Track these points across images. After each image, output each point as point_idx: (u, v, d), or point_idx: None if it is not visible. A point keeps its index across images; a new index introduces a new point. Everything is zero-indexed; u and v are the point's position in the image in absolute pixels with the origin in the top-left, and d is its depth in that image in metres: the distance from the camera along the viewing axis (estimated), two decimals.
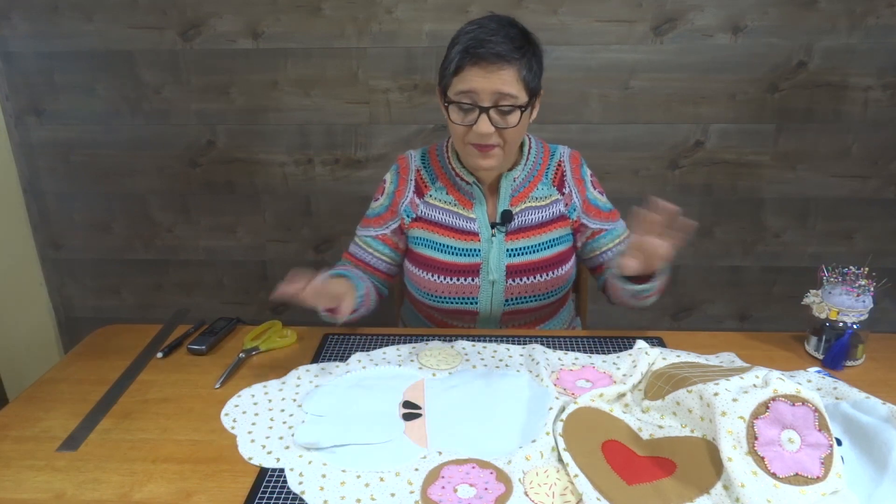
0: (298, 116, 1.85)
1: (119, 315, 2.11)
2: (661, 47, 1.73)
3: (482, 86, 1.06)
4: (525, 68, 1.08)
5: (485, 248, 1.22)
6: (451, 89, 1.10)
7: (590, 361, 1.11)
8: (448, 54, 1.11)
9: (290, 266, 2.01)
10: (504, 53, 1.05)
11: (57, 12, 1.77)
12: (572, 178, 1.25)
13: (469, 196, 1.23)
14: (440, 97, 1.17)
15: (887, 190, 1.84)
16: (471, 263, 1.22)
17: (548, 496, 0.80)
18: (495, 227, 1.22)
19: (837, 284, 1.10)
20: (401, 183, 1.27)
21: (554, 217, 1.24)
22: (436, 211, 1.24)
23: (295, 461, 0.88)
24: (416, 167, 1.27)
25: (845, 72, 1.72)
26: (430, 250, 1.24)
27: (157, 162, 1.92)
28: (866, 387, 0.96)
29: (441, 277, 1.23)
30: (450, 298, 1.24)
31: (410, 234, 1.27)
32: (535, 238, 1.23)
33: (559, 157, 1.26)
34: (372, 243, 1.28)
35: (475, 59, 1.06)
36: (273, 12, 1.75)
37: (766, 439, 0.78)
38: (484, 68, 1.06)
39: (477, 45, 1.05)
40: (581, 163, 1.28)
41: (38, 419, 1.00)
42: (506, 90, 1.06)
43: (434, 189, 1.25)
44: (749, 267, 1.95)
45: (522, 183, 1.23)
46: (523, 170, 1.23)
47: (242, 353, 1.16)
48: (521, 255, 1.22)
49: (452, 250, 1.22)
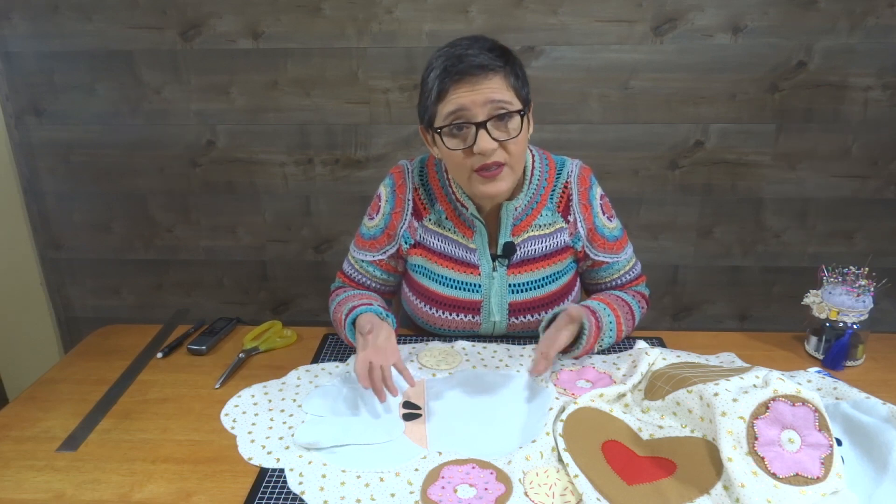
0: (298, 116, 1.85)
1: (119, 315, 2.11)
2: (661, 47, 1.73)
3: (472, 100, 0.97)
4: (511, 75, 1.01)
5: (485, 283, 1.15)
6: (438, 119, 1.01)
7: (590, 361, 1.11)
8: (424, 87, 1.03)
9: (290, 266, 2.04)
10: (486, 63, 0.97)
11: (57, 12, 1.77)
12: (579, 203, 1.16)
13: (469, 224, 1.15)
14: (424, 135, 1.09)
15: (887, 190, 1.84)
16: (471, 300, 1.16)
17: (548, 496, 0.80)
18: (496, 261, 1.15)
19: (837, 284, 1.10)
20: (397, 203, 1.18)
21: (558, 248, 1.16)
22: (435, 238, 1.16)
23: (295, 461, 0.88)
24: (414, 186, 1.17)
25: (845, 72, 1.72)
26: (428, 280, 1.18)
27: (157, 162, 1.92)
28: (866, 387, 0.96)
29: (440, 312, 1.19)
30: (449, 331, 1.21)
31: (410, 261, 1.20)
32: (539, 272, 1.16)
33: (566, 176, 1.16)
34: (369, 269, 1.22)
35: (457, 76, 0.97)
36: (273, 12, 1.75)
37: (767, 439, 0.78)
38: (469, 83, 0.97)
39: (455, 62, 0.97)
40: (590, 184, 1.17)
41: (38, 419, 1.00)
42: (497, 97, 0.98)
43: (433, 212, 1.16)
44: (749, 267, 1.95)
45: (525, 211, 1.14)
46: (525, 196, 1.13)
47: (242, 354, 1.16)
48: (523, 292, 1.16)
49: (452, 283, 1.16)
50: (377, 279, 1.24)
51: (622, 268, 1.23)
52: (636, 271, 1.26)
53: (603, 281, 1.24)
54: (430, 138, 1.07)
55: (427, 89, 1.02)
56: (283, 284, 2.05)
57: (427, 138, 1.09)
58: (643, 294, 1.26)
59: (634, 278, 1.25)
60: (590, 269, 1.23)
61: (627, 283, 1.25)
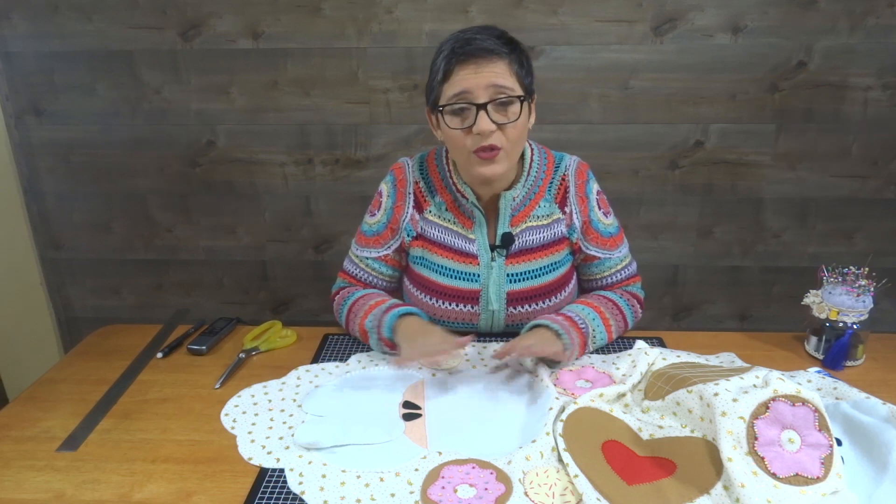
0: (298, 116, 1.85)
1: (119, 315, 2.11)
2: (661, 47, 1.73)
3: (475, 82, 1.01)
4: (516, 63, 1.04)
5: (484, 273, 1.16)
6: (442, 99, 1.05)
7: (589, 361, 1.11)
8: (433, 67, 1.07)
9: (290, 266, 2.04)
10: (492, 48, 1.01)
11: (57, 12, 1.77)
12: (575, 195, 1.18)
13: (469, 215, 1.17)
14: (429, 117, 1.12)
15: (887, 190, 1.84)
16: (470, 289, 1.17)
17: (548, 496, 0.80)
18: (495, 251, 1.16)
19: (837, 284, 1.10)
20: (399, 197, 1.20)
21: (555, 239, 1.18)
22: (435, 229, 1.18)
23: (295, 461, 0.88)
24: (415, 179, 1.20)
25: (845, 72, 1.72)
26: (428, 271, 1.20)
27: (157, 162, 1.92)
28: (866, 387, 0.96)
29: (439, 302, 1.19)
30: (448, 322, 1.21)
31: (411, 253, 1.21)
32: (537, 262, 1.18)
33: (564, 169, 1.18)
34: (373, 265, 1.23)
35: (464, 57, 1.02)
36: (273, 12, 1.75)
37: (767, 439, 0.78)
38: (474, 64, 1.01)
39: (463, 44, 1.02)
40: (587, 178, 1.20)
41: (38, 419, 1.00)
42: (500, 82, 1.02)
43: (434, 205, 1.18)
44: (749, 267, 1.95)
45: (523, 201, 1.16)
46: (524, 187, 1.15)
47: (242, 354, 1.16)
48: (521, 281, 1.17)
49: (451, 273, 1.18)
50: (384, 276, 1.25)
51: (614, 265, 1.23)
52: (629, 271, 1.26)
53: (594, 277, 1.25)
54: (435, 120, 1.11)
55: (434, 70, 1.07)
56: (283, 284, 2.05)
57: (432, 120, 1.12)
58: (634, 294, 1.25)
59: (626, 278, 1.25)
60: (582, 264, 1.25)
61: (619, 283, 1.25)
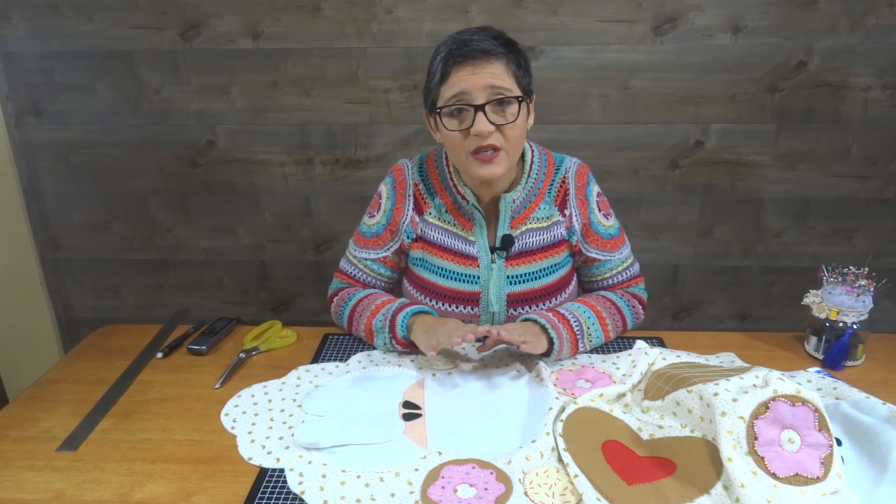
0: (298, 116, 1.85)
1: (119, 315, 2.11)
2: (661, 47, 1.73)
3: (473, 83, 1.01)
4: (514, 63, 1.04)
5: (484, 275, 1.16)
6: (440, 101, 1.05)
7: (589, 361, 1.11)
8: (430, 69, 1.07)
9: (290, 266, 2.04)
10: (490, 48, 1.01)
11: (57, 12, 1.77)
12: (575, 197, 1.18)
13: (469, 216, 1.17)
14: (428, 119, 1.12)
15: (887, 190, 1.84)
16: (470, 291, 1.17)
17: (548, 496, 0.80)
18: (495, 253, 1.16)
19: (837, 284, 1.10)
20: (398, 199, 1.20)
21: (555, 241, 1.18)
22: (435, 231, 1.18)
23: (295, 461, 0.88)
24: (414, 181, 1.19)
25: (845, 72, 1.72)
26: (428, 273, 1.20)
27: (157, 162, 1.92)
28: (866, 387, 0.96)
29: (439, 303, 1.19)
30: None
31: (411, 255, 1.22)
32: (536, 263, 1.17)
33: (564, 172, 1.18)
34: (372, 266, 1.23)
35: (461, 58, 1.02)
36: (273, 12, 1.75)
37: (766, 439, 0.78)
38: (472, 65, 1.01)
39: (460, 46, 1.02)
40: (588, 181, 1.20)
41: (38, 419, 1.00)
42: (498, 83, 1.02)
43: (433, 206, 1.18)
44: (749, 267, 1.95)
45: (523, 203, 1.16)
46: (524, 189, 1.15)
47: (242, 354, 1.16)
48: (521, 283, 1.17)
49: (451, 275, 1.18)
50: (382, 277, 1.25)
51: (615, 267, 1.23)
52: (631, 272, 1.25)
53: (595, 278, 1.25)
54: (433, 122, 1.10)
55: (432, 72, 1.07)
56: (283, 284, 2.05)
57: (430, 122, 1.12)
58: (636, 294, 1.25)
59: (629, 279, 1.25)
60: (583, 265, 1.25)
61: (621, 284, 1.25)
